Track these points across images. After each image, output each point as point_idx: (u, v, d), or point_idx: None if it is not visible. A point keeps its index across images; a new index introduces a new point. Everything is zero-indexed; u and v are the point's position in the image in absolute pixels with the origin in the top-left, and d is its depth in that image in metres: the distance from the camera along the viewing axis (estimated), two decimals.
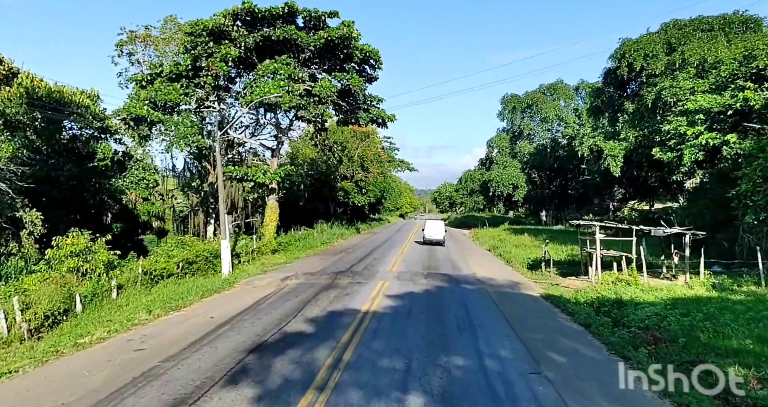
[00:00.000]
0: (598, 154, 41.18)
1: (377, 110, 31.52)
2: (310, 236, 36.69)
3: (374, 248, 31.70)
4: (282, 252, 29.48)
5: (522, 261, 24.96)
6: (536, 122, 55.82)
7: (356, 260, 24.30)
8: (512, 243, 33.38)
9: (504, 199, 59.04)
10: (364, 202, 51.95)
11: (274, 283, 17.00)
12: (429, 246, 32.51)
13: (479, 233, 47.22)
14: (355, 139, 49.06)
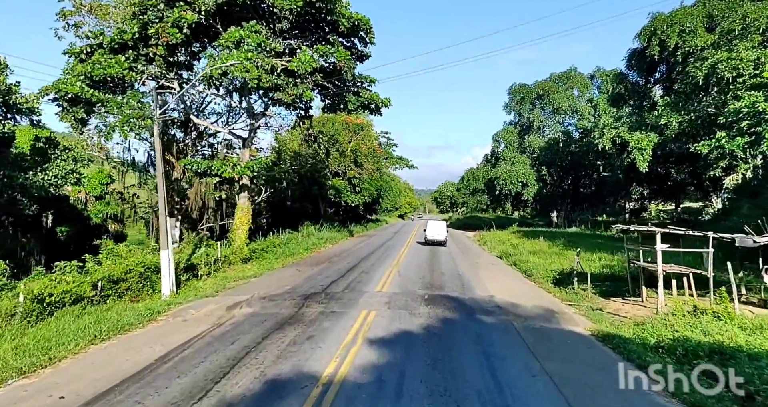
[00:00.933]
0: (622, 147, 36.36)
1: (369, 92, 26.71)
2: (293, 240, 31.92)
3: (365, 255, 26.88)
4: (255, 261, 24.74)
5: (545, 274, 20.13)
6: (547, 114, 50.98)
7: (340, 273, 19.46)
8: (527, 249, 28.57)
9: (512, 198, 54.22)
10: (358, 201, 47.14)
11: (215, 314, 12.17)
12: (430, 254, 27.71)
13: (486, 236, 42.42)
14: (347, 131, 44.22)
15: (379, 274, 19.13)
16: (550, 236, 36.01)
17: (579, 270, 18.01)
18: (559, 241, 32.52)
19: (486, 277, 19.48)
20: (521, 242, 33.36)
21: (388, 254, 27.85)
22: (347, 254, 27.40)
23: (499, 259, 28.07)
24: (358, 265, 22.24)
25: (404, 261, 23.94)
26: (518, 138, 53.38)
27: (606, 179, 48.20)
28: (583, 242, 31.85)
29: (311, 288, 15.69)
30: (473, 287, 16.80)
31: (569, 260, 22.80)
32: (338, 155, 43.21)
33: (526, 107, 51.42)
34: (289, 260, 24.98)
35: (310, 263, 23.60)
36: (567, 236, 36.72)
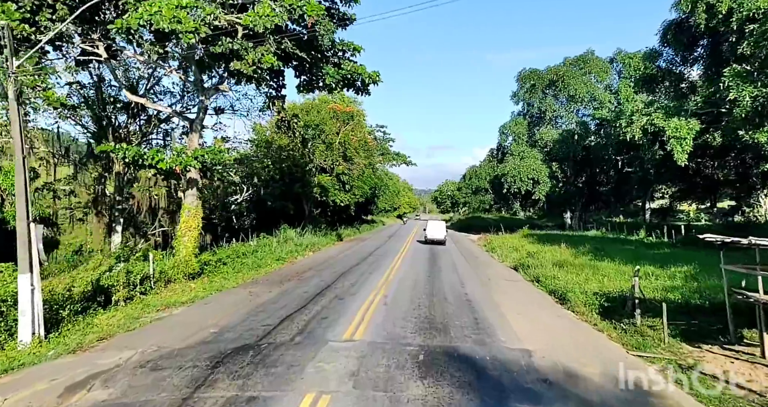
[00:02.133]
0: (654, 137, 30.98)
1: (352, 64, 21.30)
2: (265, 247, 26.54)
3: (349, 268, 21.44)
4: (207, 277, 19.38)
5: (586, 300, 14.69)
6: (561, 103, 45.49)
7: (303, 299, 14.02)
8: (547, 259, 23.18)
9: (521, 197, 48.79)
10: (348, 201, 41.72)
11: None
12: (430, 266, 22.28)
13: (493, 240, 36.98)
14: (335, 121, 38.80)
15: (358, 301, 13.67)
16: (570, 242, 30.69)
17: (638, 296, 12.60)
18: (583, 248, 27.24)
19: (507, 304, 14.04)
20: (538, 249, 27.96)
21: (378, 265, 22.43)
22: (326, 267, 21.98)
23: (514, 271, 22.69)
24: (333, 284, 16.79)
25: (396, 278, 18.49)
26: (528, 130, 47.90)
27: (629, 175, 42.80)
28: (612, 250, 26.60)
29: (246, 333, 10.25)
30: (493, 326, 11.35)
31: (609, 277, 17.49)
32: (324, 147, 37.81)
33: (537, 95, 45.94)
34: (250, 276, 19.59)
35: (274, 280, 18.16)
36: (590, 242, 31.44)
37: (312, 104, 38.36)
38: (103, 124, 22.75)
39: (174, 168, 17.86)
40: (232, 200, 41.87)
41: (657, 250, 27.91)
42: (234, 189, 39.16)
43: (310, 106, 37.97)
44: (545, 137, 44.99)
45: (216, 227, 36.93)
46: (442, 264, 23.45)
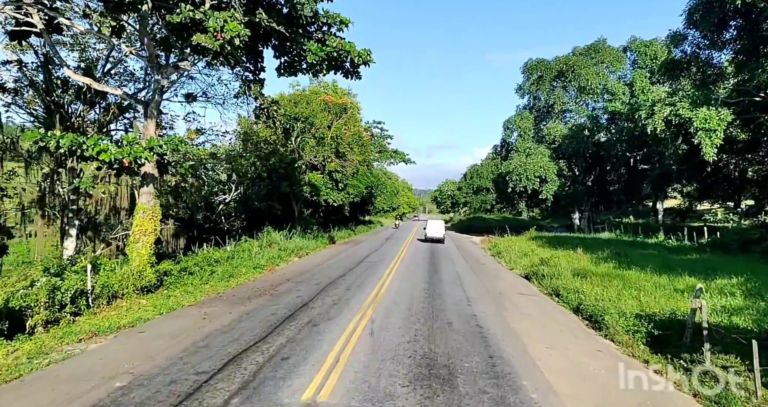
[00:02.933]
0: (678, 129, 27.90)
1: (339, 40, 18.20)
2: (244, 253, 23.45)
3: (334, 279, 18.32)
4: (168, 290, 16.44)
5: (626, 324, 11.60)
6: (570, 95, 42.34)
7: (266, 329, 10.88)
8: (565, 267, 20.12)
9: (526, 197, 45.66)
10: (342, 200, 38.60)
11: None
12: (429, 276, 19.07)
13: (498, 243, 33.86)
14: (326, 113, 35.68)
15: (337, 330, 10.54)
16: (585, 246, 27.69)
17: (705, 325, 9.51)
18: (602, 253, 24.28)
19: (528, 332, 10.95)
20: (550, 254, 24.92)
21: (370, 275, 19.32)
22: (308, 277, 18.86)
23: (526, 282, 19.63)
24: (311, 302, 13.68)
25: (388, 293, 15.39)
26: (534, 125, 44.75)
27: (645, 172, 39.71)
28: (633, 255, 23.60)
29: (164, 390, 7.12)
30: (516, 370, 8.23)
31: (645, 292, 14.45)
32: (315, 142, 34.69)
33: (545, 87, 42.76)
34: (216, 289, 16.52)
35: (241, 296, 15.05)
36: (606, 246, 28.45)
37: (301, 95, 35.30)
38: (49, 106, 19.65)
39: (122, 161, 14.79)
40: (219, 199, 38.85)
41: (684, 255, 24.82)
42: (223, 188, 36.17)
43: (300, 97, 34.89)
44: (553, 132, 41.86)
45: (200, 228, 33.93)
46: (444, 273, 20.36)
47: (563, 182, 40.98)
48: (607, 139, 41.53)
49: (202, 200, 35.29)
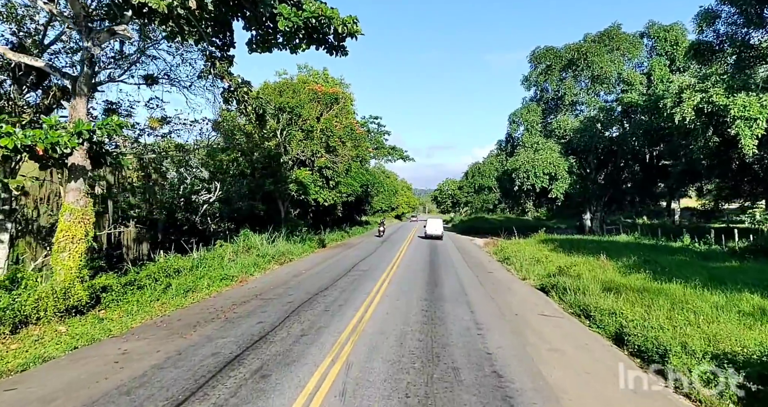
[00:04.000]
0: (710, 119, 24.67)
1: (318, 4, 14.91)
2: (212, 260, 20.19)
3: (311, 296, 15.01)
4: (106, 310, 13.35)
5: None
6: (582, 85, 39.02)
7: (192, 382, 7.64)
8: (588, 278, 16.91)
9: (534, 196, 42.37)
10: (334, 199, 35.33)
11: None
12: (428, 295, 15.57)
13: (506, 247, 30.57)
14: (315, 104, 32.38)
15: (290, 392, 7.21)
16: (603, 250, 24.49)
17: None
18: (628, 260, 21.08)
19: (566, 384, 7.68)
20: (567, 261, 21.71)
21: (356, 290, 16.04)
22: (281, 293, 15.57)
23: (543, 295, 16.40)
24: (272, 333, 10.39)
25: (375, 317, 12.10)
26: (542, 118, 41.44)
27: (666, 169, 36.42)
28: (665, 263, 20.39)
29: None
30: None
31: (706, 316, 11.19)
32: (302, 135, 31.42)
33: (554, 77, 39.42)
34: (164, 309, 13.32)
35: (186, 323, 11.76)
36: (629, 251, 25.28)
37: (287, 84, 32.07)
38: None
39: (35, 148, 11.53)
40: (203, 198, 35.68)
41: (722, 262, 21.56)
42: (208, 187, 32.97)
43: (286, 86, 31.65)
44: (563, 125, 38.55)
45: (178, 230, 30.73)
46: (446, 286, 17.09)
47: (574, 180, 37.65)
48: (621, 133, 38.25)
49: (181, 199, 32.14)
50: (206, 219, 37.17)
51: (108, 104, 20.33)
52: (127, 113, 20.79)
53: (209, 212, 36.51)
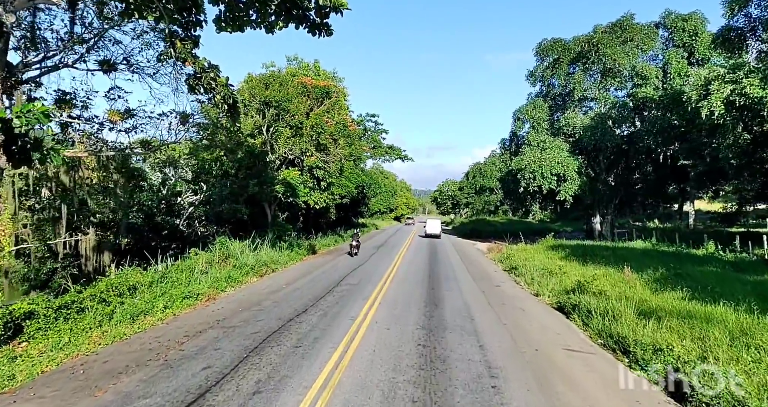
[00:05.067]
0: (740, 113, 22.09)
1: None
2: (180, 273, 17.54)
3: (287, 321, 12.36)
4: (32, 340, 10.80)
5: None
6: (592, 80, 36.41)
7: None
8: (613, 296, 14.34)
9: (540, 197, 39.78)
10: (326, 202, 32.71)
11: None
12: (429, 320, 12.75)
13: (511, 254, 27.92)
14: (304, 98, 29.74)
15: None
16: (623, 259, 21.97)
17: None
18: (654, 272, 18.54)
19: None
20: (585, 273, 19.06)
21: (340, 313, 13.39)
22: (249, 317, 12.91)
23: (564, 319, 13.81)
24: (213, 392, 7.78)
25: (359, 357, 9.46)
26: (549, 115, 38.80)
27: (681, 169, 33.83)
28: (695, 275, 17.91)
29: None
30: None
31: None
32: (290, 132, 28.78)
33: (562, 71, 36.80)
34: (99, 343, 10.74)
35: (109, 369, 9.10)
36: (648, 259, 22.78)
37: (274, 76, 29.44)
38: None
39: None
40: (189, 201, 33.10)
41: (759, 274, 18.95)
42: (194, 188, 30.43)
43: (272, 77, 29.02)
44: (572, 122, 35.92)
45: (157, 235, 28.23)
46: (448, 307, 14.45)
47: (584, 181, 35.02)
48: (634, 131, 35.64)
49: (162, 202, 29.60)
50: (194, 222, 34.63)
51: (61, 94, 17.69)
52: (83, 105, 18.17)
53: (195, 216, 33.96)
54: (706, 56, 31.78)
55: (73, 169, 18.57)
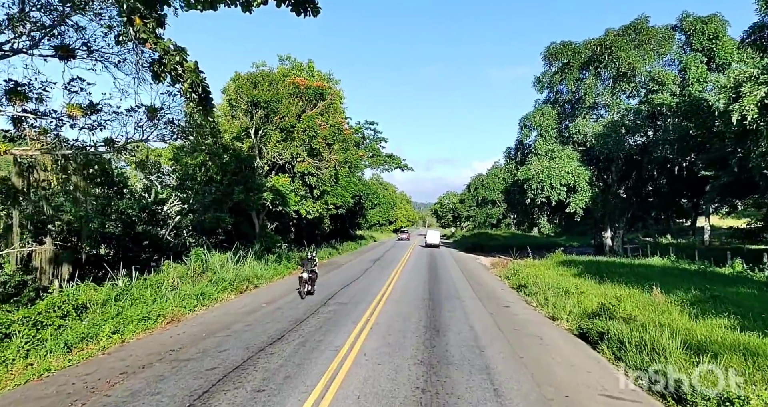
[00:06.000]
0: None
1: None
2: (144, 290, 15.24)
3: (253, 354, 10.04)
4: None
5: None
6: (604, 85, 34.35)
7: None
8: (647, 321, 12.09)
9: (549, 210, 37.53)
10: (319, 211, 30.48)
11: None
12: (431, 361, 10.30)
13: (519, 270, 25.56)
14: (296, 99, 27.67)
15: None
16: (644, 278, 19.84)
17: None
18: (686, 294, 16.36)
19: None
20: (606, 294, 16.80)
21: (319, 346, 11.06)
22: (210, 349, 10.58)
23: (592, 352, 11.51)
24: None
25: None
26: (558, 123, 36.72)
27: (704, 181, 31.68)
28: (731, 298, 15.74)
29: None
30: None
31: None
32: (280, 135, 26.66)
33: (572, 76, 34.83)
34: (16, 382, 8.43)
35: None
36: (671, 278, 20.61)
37: (263, 74, 27.41)
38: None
39: None
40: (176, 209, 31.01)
41: None
42: (182, 197, 28.36)
43: (261, 76, 26.99)
44: (582, 130, 33.82)
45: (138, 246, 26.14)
46: (452, 335, 12.13)
47: (595, 193, 32.81)
48: (648, 140, 33.55)
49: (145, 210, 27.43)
50: (182, 232, 32.46)
51: (12, 84, 15.56)
52: (39, 97, 16.05)
53: (183, 225, 31.80)
54: (727, 61, 29.80)
55: (29, 170, 16.38)
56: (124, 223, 25.22)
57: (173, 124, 17.90)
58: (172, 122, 17.82)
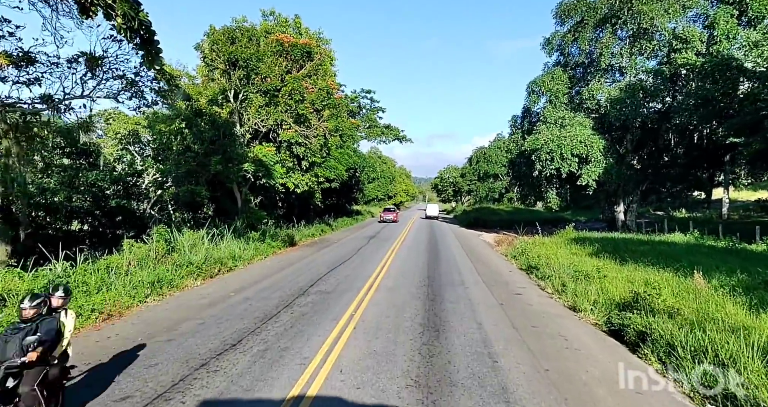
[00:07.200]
0: None
1: None
2: (89, 276, 12.75)
3: (196, 369, 7.55)
4: None
5: None
6: (621, 45, 31.19)
7: None
8: (703, 318, 9.63)
9: (558, 182, 34.85)
10: (308, 185, 27.82)
11: None
12: (428, 374, 7.89)
13: (526, 248, 23.09)
14: (280, 58, 24.67)
15: None
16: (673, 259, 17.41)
17: None
18: (727, 278, 13.89)
19: None
20: (636, 278, 14.36)
21: (286, 353, 8.54)
22: (148, 356, 8.10)
23: (623, 350, 9.11)
24: None
25: None
26: (569, 87, 33.70)
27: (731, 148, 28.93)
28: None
29: None
30: None
31: None
32: (263, 100, 23.80)
33: (586, 35, 31.64)
34: None
35: None
36: (705, 258, 18.16)
37: (242, 29, 24.28)
38: None
39: None
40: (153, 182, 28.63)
41: None
42: (161, 168, 25.80)
43: (239, 31, 23.90)
44: (597, 94, 30.85)
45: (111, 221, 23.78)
46: (456, 335, 9.67)
47: (610, 164, 30.09)
48: (669, 104, 30.63)
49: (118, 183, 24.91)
50: (166, 207, 30.04)
51: None
52: None
53: (164, 199, 29.35)
54: (762, 14, 26.65)
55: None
56: (94, 196, 22.76)
57: (125, 78, 15.11)
58: (124, 76, 15.02)
